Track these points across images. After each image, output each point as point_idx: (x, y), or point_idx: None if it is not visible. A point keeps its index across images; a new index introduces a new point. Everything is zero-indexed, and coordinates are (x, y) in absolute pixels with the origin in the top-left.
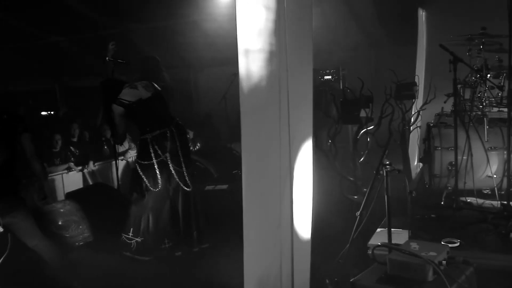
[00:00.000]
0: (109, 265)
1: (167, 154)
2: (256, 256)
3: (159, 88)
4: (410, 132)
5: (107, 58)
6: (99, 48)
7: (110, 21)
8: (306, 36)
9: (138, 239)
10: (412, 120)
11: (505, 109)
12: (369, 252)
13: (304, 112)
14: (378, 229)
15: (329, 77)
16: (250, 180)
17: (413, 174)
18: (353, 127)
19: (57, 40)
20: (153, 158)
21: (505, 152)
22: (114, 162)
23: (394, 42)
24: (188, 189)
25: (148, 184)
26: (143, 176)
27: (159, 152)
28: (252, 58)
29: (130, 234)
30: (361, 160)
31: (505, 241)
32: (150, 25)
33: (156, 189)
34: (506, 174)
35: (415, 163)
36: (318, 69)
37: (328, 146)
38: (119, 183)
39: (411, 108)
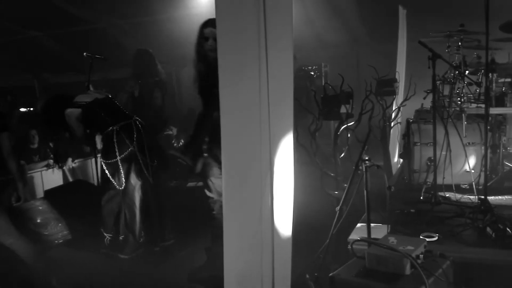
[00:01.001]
0: (89, 263)
1: (135, 143)
2: (236, 252)
3: (109, 96)
4: (390, 128)
5: (84, 54)
6: (79, 43)
7: (91, 16)
8: (287, 32)
9: (120, 238)
10: (392, 116)
11: (483, 105)
12: (349, 246)
13: (284, 107)
14: (358, 224)
15: (312, 73)
16: (230, 176)
17: (394, 170)
18: (334, 123)
19: (36, 35)
20: (118, 155)
21: (482, 147)
22: (94, 159)
23: (375, 39)
24: (152, 181)
25: (119, 180)
26: (115, 174)
27: (127, 141)
28: (231, 54)
29: (112, 233)
30: (342, 155)
31: (482, 235)
32: (132, 20)
33: (127, 184)
34: (483, 169)
35: (396, 158)
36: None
37: (309, 142)
38: (99, 180)
39: (391, 104)
